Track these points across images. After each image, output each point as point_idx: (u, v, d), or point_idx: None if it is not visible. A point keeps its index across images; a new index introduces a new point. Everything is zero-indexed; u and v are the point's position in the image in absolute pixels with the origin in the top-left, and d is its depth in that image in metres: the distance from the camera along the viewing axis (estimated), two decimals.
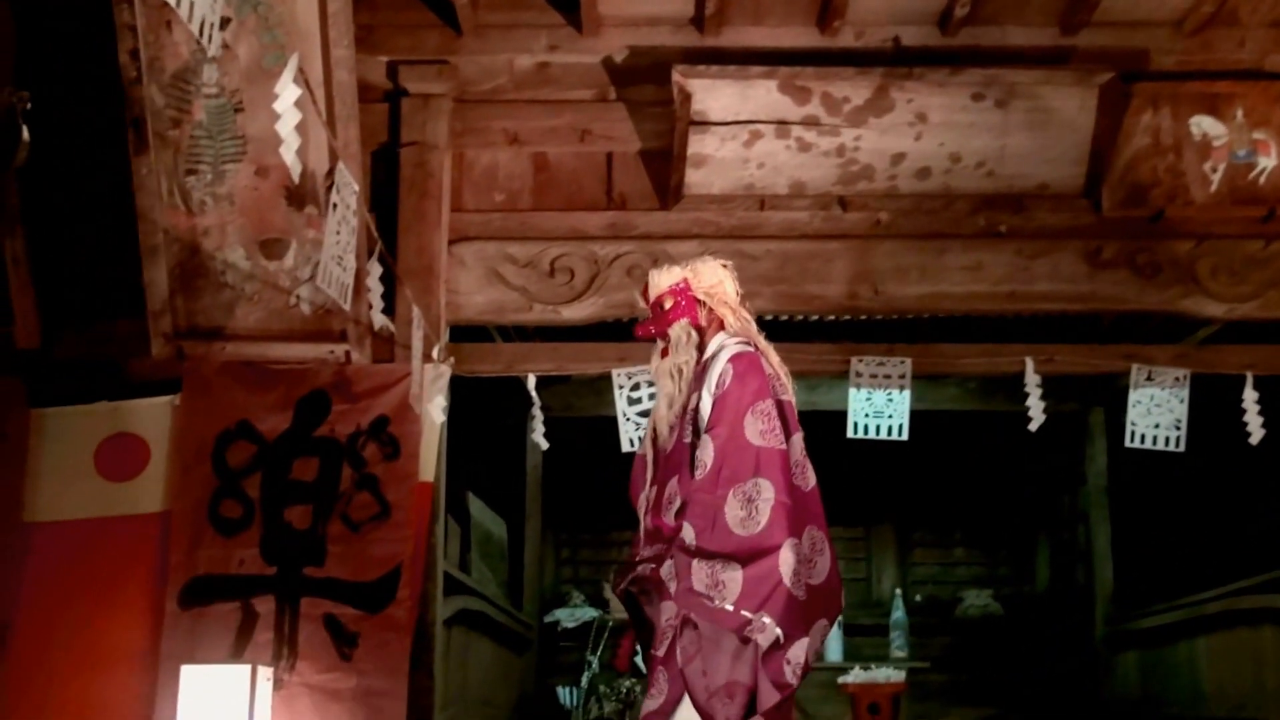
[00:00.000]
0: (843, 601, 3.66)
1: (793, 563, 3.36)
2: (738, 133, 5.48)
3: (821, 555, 3.52)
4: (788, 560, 3.36)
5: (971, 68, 5.46)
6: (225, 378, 5.25)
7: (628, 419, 5.54)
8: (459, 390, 5.69)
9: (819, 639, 3.48)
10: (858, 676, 6.91)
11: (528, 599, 8.83)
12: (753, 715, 3.32)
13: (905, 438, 5.73)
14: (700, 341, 3.75)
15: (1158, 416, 5.67)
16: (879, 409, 5.71)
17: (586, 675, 7.52)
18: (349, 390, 5.26)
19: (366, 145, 5.45)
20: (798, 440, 3.59)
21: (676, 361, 3.72)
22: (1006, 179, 5.61)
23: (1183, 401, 5.62)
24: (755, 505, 3.41)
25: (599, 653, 7.57)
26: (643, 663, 3.82)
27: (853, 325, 6.56)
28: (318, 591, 5.04)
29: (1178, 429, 5.64)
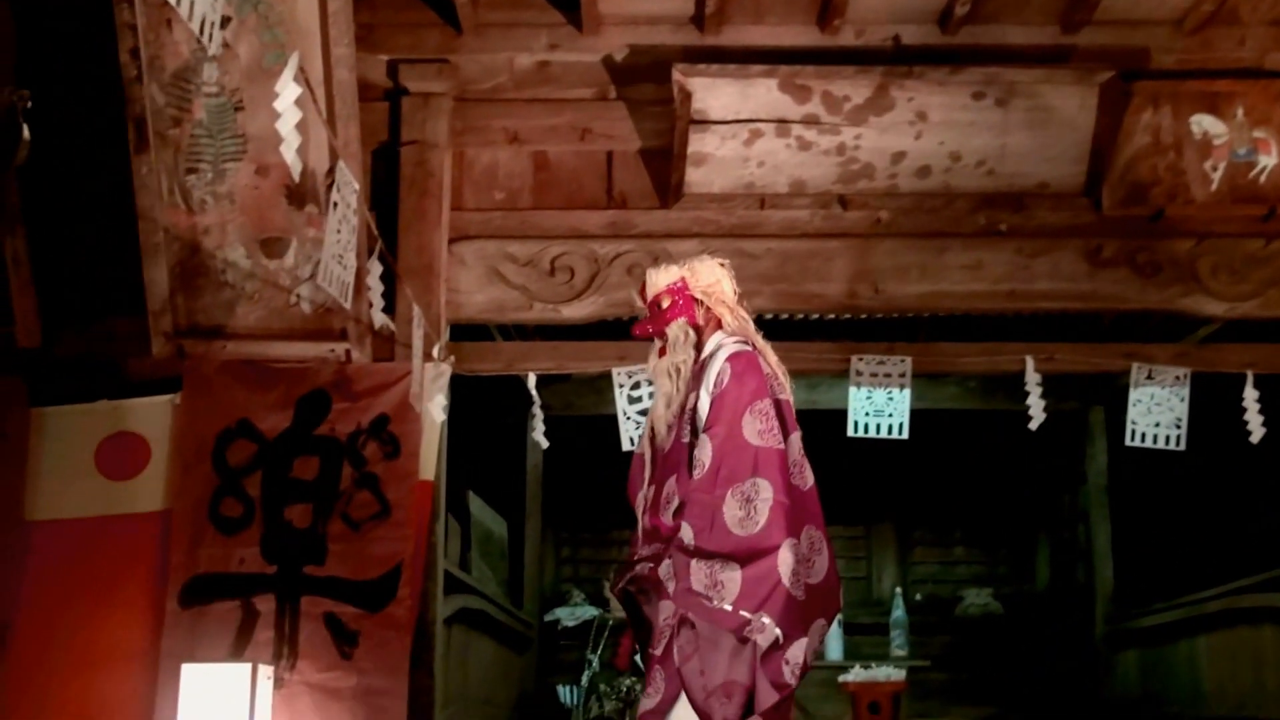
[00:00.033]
0: (841, 600, 3.66)
1: (791, 563, 3.36)
2: (738, 131, 5.48)
3: (820, 555, 3.52)
4: (786, 560, 3.35)
5: (972, 66, 5.45)
6: (226, 376, 5.25)
7: (628, 418, 5.54)
8: (459, 389, 5.70)
9: (817, 638, 3.47)
10: (858, 675, 6.91)
11: (528, 598, 8.83)
12: (751, 715, 3.32)
13: (905, 436, 5.73)
14: (698, 340, 3.74)
15: (1158, 415, 5.67)
16: (879, 408, 5.71)
17: (587, 674, 7.51)
18: (349, 389, 5.26)
19: (367, 144, 5.45)
20: (795, 439, 3.58)
21: (674, 360, 3.71)
22: (1007, 178, 5.61)
23: (1183, 400, 5.63)
24: (754, 505, 3.40)
25: (599, 651, 7.56)
26: (642, 661, 3.82)
27: (853, 324, 6.55)
28: (318, 590, 5.04)
29: (1178, 428, 5.65)
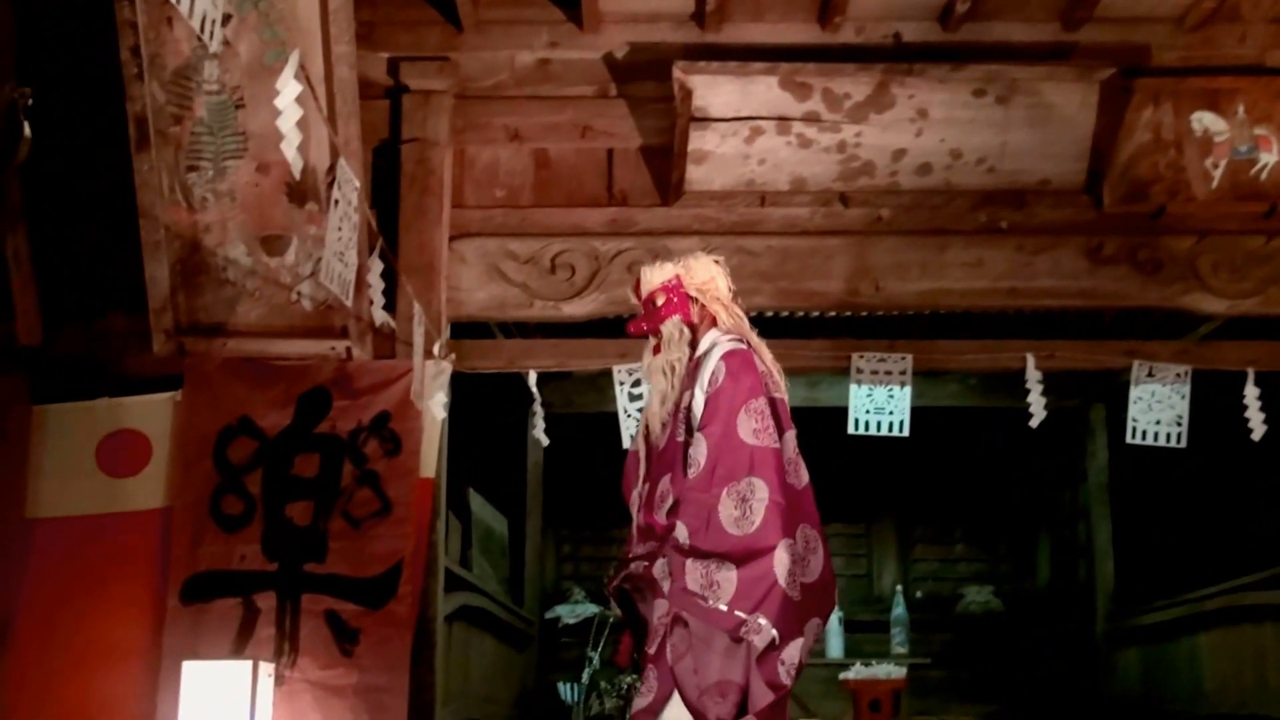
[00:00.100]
0: (836, 598, 3.66)
1: (787, 563, 3.36)
2: (739, 129, 5.48)
3: (815, 554, 3.51)
4: (782, 561, 3.35)
5: (972, 64, 5.45)
6: (226, 374, 5.25)
7: (629, 415, 5.54)
8: (460, 387, 5.69)
9: (812, 637, 3.47)
10: (859, 673, 6.90)
11: (529, 595, 8.83)
12: (745, 715, 3.32)
13: (906, 434, 5.72)
14: (693, 338, 3.74)
15: (1159, 413, 5.67)
16: (880, 405, 5.70)
17: (587, 671, 7.52)
18: (350, 386, 5.26)
19: (368, 142, 5.45)
20: (790, 438, 3.58)
21: (669, 358, 3.71)
22: (1007, 175, 5.60)
23: (1184, 398, 5.62)
24: (749, 505, 3.40)
25: (600, 649, 7.57)
26: (638, 659, 3.82)
27: (854, 321, 6.55)
28: (319, 588, 5.04)
29: (1179, 425, 5.64)
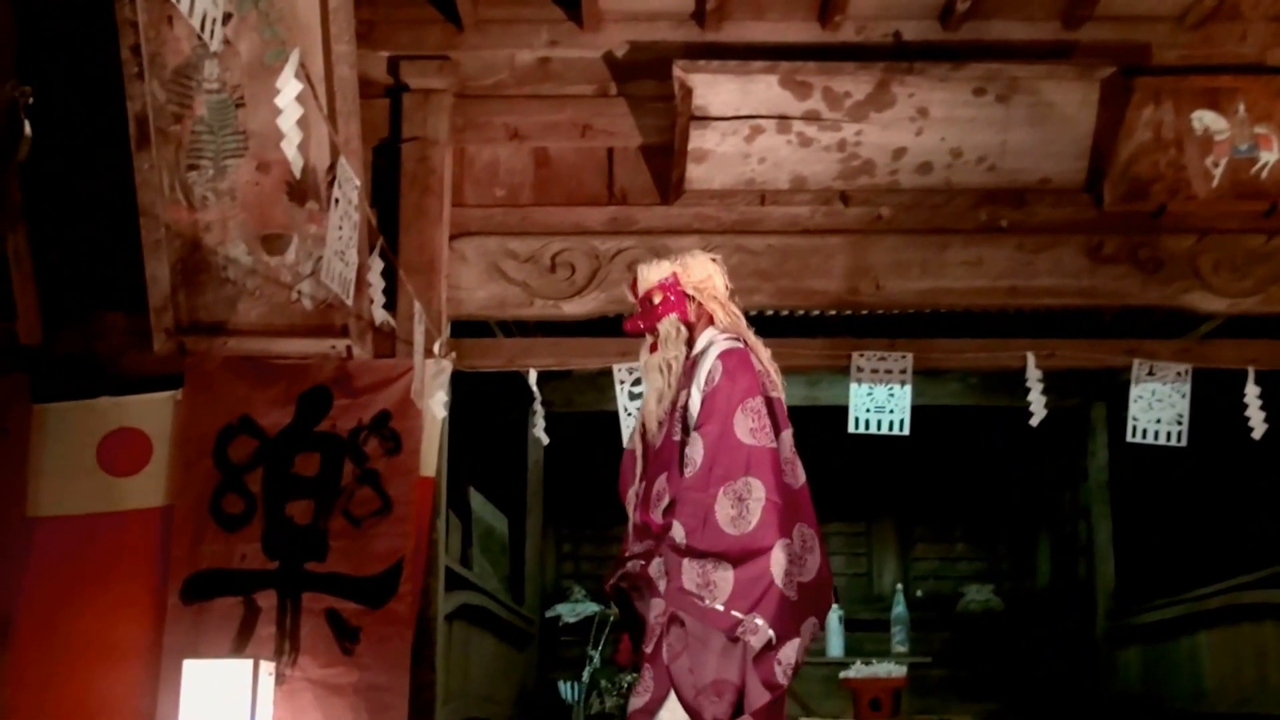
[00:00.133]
0: (833, 596, 3.66)
1: (784, 563, 3.36)
2: (739, 128, 5.47)
3: (811, 553, 3.51)
4: (779, 561, 3.35)
5: (973, 62, 5.45)
6: (227, 373, 5.25)
7: (629, 414, 5.53)
8: (460, 385, 5.69)
9: (809, 637, 3.48)
10: (859, 671, 6.89)
11: (529, 594, 8.83)
12: (741, 714, 3.32)
13: (906, 433, 5.72)
14: (689, 337, 3.74)
15: (1159, 412, 5.66)
16: (880, 404, 5.70)
17: (588, 670, 7.51)
18: (350, 385, 5.26)
19: (368, 141, 5.45)
20: (787, 437, 3.58)
21: (665, 357, 3.71)
22: (1008, 174, 5.60)
23: (1184, 396, 5.62)
24: (746, 504, 3.40)
25: (600, 648, 7.56)
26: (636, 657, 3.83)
27: (854, 320, 6.55)
28: (319, 586, 5.04)
29: (1179, 424, 5.64)
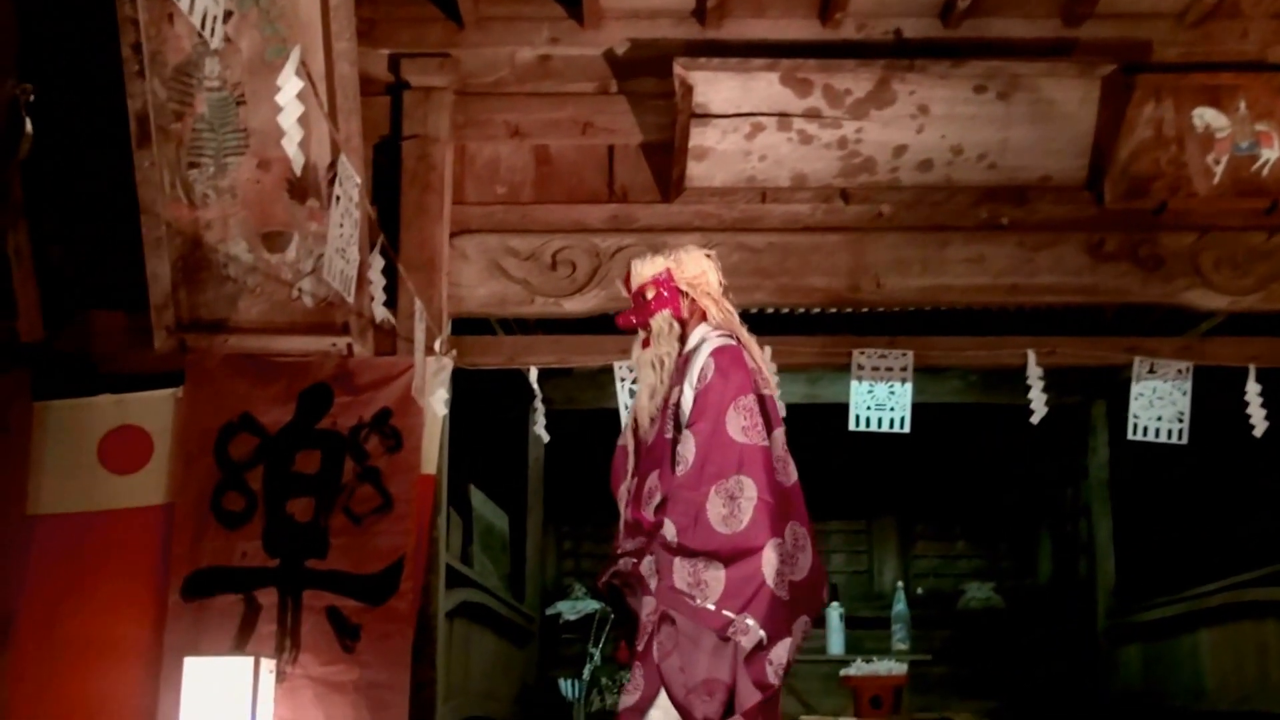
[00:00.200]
0: (825, 596, 3.65)
1: (775, 563, 3.34)
2: (739, 125, 5.47)
3: (803, 551, 3.50)
4: (770, 561, 3.34)
5: (973, 60, 5.45)
6: (228, 370, 5.26)
7: (629, 412, 5.53)
8: (461, 383, 5.69)
9: (800, 636, 3.46)
10: (859, 669, 6.90)
11: (529, 591, 8.82)
12: (732, 714, 3.30)
13: (907, 430, 5.72)
14: (682, 333, 3.73)
15: (1160, 409, 5.67)
16: (881, 402, 5.70)
17: (588, 668, 7.52)
18: (351, 383, 5.26)
19: (368, 138, 5.45)
20: (779, 435, 3.57)
21: (658, 353, 3.71)
22: (1009, 171, 5.60)
23: (1185, 394, 5.62)
24: (738, 503, 3.39)
25: (601, 645, 7.57)
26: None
27: (854, 318, 6.55)
28: (320, 584, 5.04)
29: (1180, 422, 5.64)
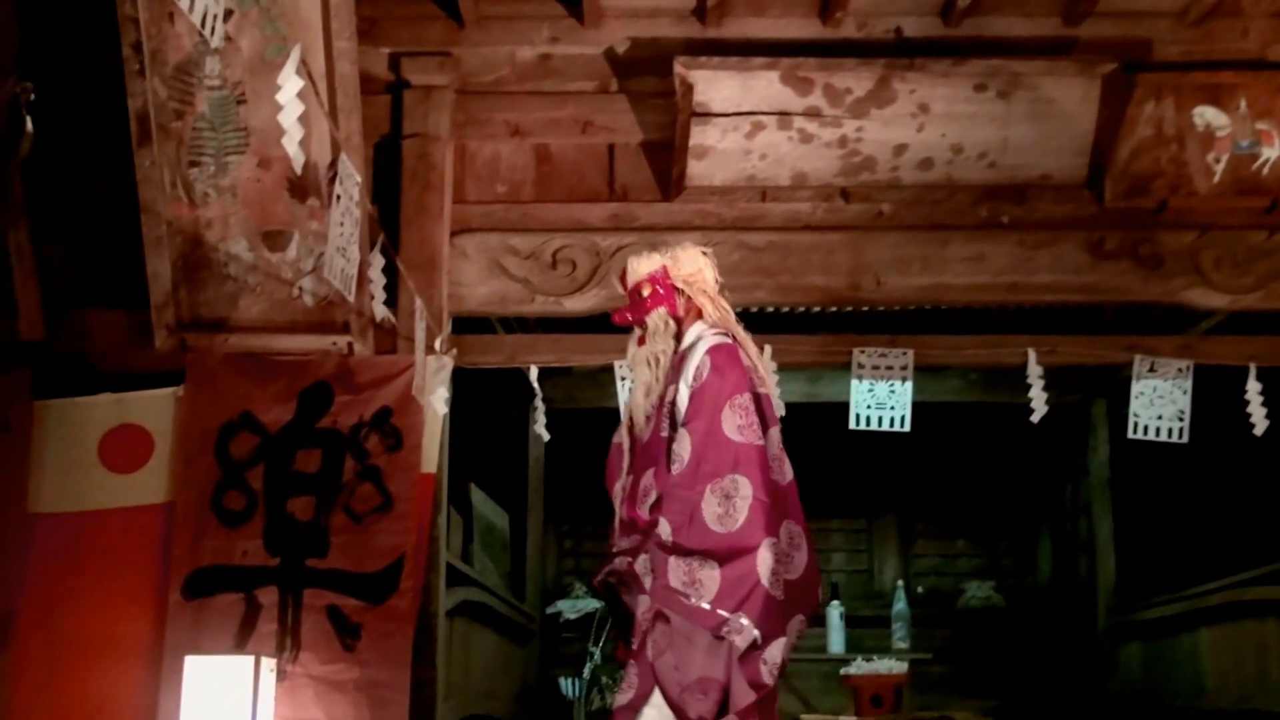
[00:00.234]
0: (820, 594, 3.64)
1: (770, 562, 3.35)
2: (740, 124, 5.47)
3: (799, 550, 3.50)
4: (765, 560, 3.34)
5: (974, 58, 5.45)
6: (228, 369, 5.26)
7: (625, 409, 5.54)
8: (461, 382, 5.69)
9: (795, 635, 3.46)
10: (860, 668, 6.90)
11: (530, 590, 8.82)
12: (726, 713, 3.30)
13: (907, 429, 5.72)
14: (678, 331, 3.73)
15: (1160, 408, 5.67)
16: (881, 400, 5.70)
17: (589, 666, 7.52)
18: (351, 382, 5.27)
19: (369, 137, 5.45)
20: (775, 434, 3.56)
21: (654, 350, 3.71)
22: (1009, 170, 5.60)
23: (1185, 393, 5.62)
24: (733, 502, 3.39)
25: (601, 644, 7.57)
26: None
27: (855, 316, 6.54)
28: (320, 583, 5.05)
29: (1180, 420, 5.64)
